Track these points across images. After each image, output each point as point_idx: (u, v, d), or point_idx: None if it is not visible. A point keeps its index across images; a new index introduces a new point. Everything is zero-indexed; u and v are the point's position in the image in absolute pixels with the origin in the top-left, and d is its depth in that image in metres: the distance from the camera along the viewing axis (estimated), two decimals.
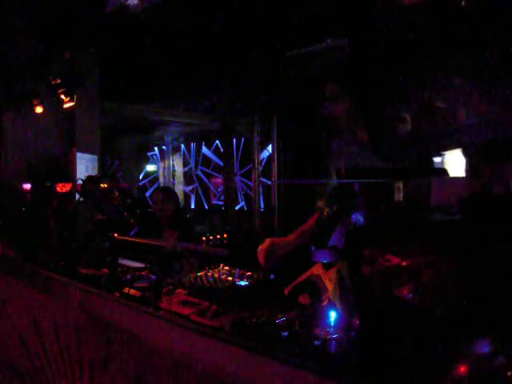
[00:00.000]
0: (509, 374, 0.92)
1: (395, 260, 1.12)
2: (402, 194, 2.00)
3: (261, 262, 2.05)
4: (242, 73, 6.09)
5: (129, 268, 2.63)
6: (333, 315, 1.52)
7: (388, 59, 0.98)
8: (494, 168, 1.00)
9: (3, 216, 4.13)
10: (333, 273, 1.90)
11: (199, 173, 11.74)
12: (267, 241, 2.15)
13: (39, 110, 5.92)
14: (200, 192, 11.66)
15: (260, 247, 2.15)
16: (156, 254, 2.60)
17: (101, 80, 6.20)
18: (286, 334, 1.52)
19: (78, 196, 2.95)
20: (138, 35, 5.11)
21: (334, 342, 1.40)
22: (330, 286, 1.93)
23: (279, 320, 1.67)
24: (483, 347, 0.95)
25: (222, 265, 2.30)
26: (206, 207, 11.43)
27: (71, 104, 5.70)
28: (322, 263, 1.96)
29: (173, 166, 12.13)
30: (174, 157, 12.09)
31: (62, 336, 2.31)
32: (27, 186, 5.79)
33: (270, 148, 8.09)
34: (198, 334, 1.56)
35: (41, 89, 5.86)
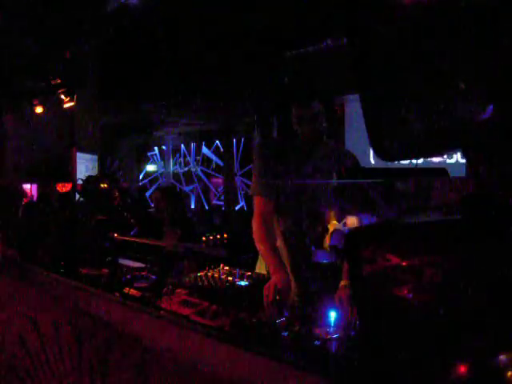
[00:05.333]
0: (509, 373, 0.92)
1: (395, 260, 1.12)
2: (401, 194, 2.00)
3: (272, 317, 1.72)
4: (242, 73, 6.09)
5: (129, 268, 2.63)
6: (333, 315, 1.52)
7: (388, 58, 0.98)
8: (494, 168, 1.00)
9: (3, 216, 4.13)
10: None
11: (199, 173, 11.73)
12: (270, 291, 1.85)
13: (39, 109, 5.92)
14: (200, 192, 11.65)
15: (266, 301, 1.84)
16: (156, 254, 2.60)
17: (101, 80, 6.19)
18: (285, 334, 1.52)
19: (77, 196, 2.94)
20: (139, 35, 5.11)
21: (334, 342, 1.40)
22: None
23: (279, 320, 1.67)
24: (483, 347, 0.95)
25: (222, 265, 2.30)
26: (206, 207, 11.42)
27: (71, 104, 5.70)
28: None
29: (173, 166, 12.13)
30: (174, 157, 12.09)
31: (61, 336, 2.31)
32: (27, 186, 5.79)
33: None
34: (198, 333, 1.56)
35: (41, 89, 5.86)
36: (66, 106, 5.68)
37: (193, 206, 11.65)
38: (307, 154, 2.21)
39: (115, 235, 2.57)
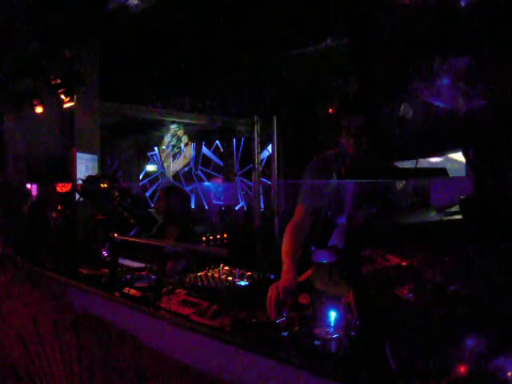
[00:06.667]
0: (509, 374, 0.92)
1: (395, 260, 1.12)
2: (402, 194, 2.00)
3: (273, 317, 1.74)
4: (242, 73, 6.09)
5: (129, 268, 2.63)
6: (333, 315, 1.52)
7: (388, 59, 0.98)
8: (494, 168, 1.00)
9: (4, 216, 4.12)
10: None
11: (199, 173, 11.73)
12: (273, 290, 1.85)
13: (39, 109, 5.91)
14: (200, 192, 11.65)
15: (268, 300, 1.83)
16: (156, 254, 2.60)
17: (101, 80, 6.19)
18: (285, 334, 1.52)
19: (77, 196, 2.94)
20: (139, 35, 5.11)
21: (334, 341, 1.40)
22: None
23: (279, 320, 1.67)
24: (483, 347, 0.95)
25: (222, 265, 2.30)
26: (206, 207, 11.42)
27: (71, 104, 5.69)
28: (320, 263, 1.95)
29: (173, 166, 12.13)
30: (174, 157, 12.09)
31: (61, 336, 2.31)
32: (28, 186, 5.78)
33: (270, 148, 8.08)
34: (198, 334, 1.56)
35: (41, 89, 5.86)
36: (66, 106, 5.67)
37: (193, 206, 11.65)
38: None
39: (115, 235, 2.56)
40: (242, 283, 2.06)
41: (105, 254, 2.88)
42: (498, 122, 0.87)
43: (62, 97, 5.59)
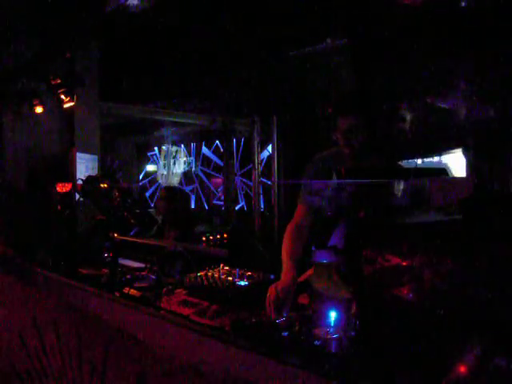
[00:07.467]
0: (508, 374, 0.92)
1: (395, 260, 1.12)
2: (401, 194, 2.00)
3: (272, 317, 1.75)
4: (242, 73, 6.09)
5: (129, 268, 2.63)
6: (333, 315, 1.52)
7: (388, 59, 0.98)
8: (494, 168, 1.00)
9: (4, 215, 4.13)
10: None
11: (199, 173, 11.73)
12: (273, 291, 1.86)
13: (39, 109, 5.91)
14: (200, 192, 11.66)
15: (268, 300, 1.84)
16: (156, 254, 2.60)
17: (101, 80, 6.19)
18: (286, 334, 1.52)
19: (77, 196, 2.94)
20: (139, 35, 5.11)
21: (334, 341, 1.40)
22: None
23: (279, 320, 1.67)
24: (482, 347, 0.95)
25: (222, 265, 2.30)
26: (206, 207, 11.42)
27: (71, 104, 5.68)
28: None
29: (173, 166, 12.13)
30: (174, 157, 12.09)
31: (61, 336, 2.31)
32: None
33: (270, 148, 8.08)
34: (198, 333, 1.56)
35: (41, 89, 5.86)
36: (66, 106, 5.67)
37: (193, 206, 11.65)
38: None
39: (115, 235, 2.57)
40: (242, 283, 2.06)
41: (105, 254, 2.88)
42: (498, 123, 0.87)
43: (62, 97, 5.59)
